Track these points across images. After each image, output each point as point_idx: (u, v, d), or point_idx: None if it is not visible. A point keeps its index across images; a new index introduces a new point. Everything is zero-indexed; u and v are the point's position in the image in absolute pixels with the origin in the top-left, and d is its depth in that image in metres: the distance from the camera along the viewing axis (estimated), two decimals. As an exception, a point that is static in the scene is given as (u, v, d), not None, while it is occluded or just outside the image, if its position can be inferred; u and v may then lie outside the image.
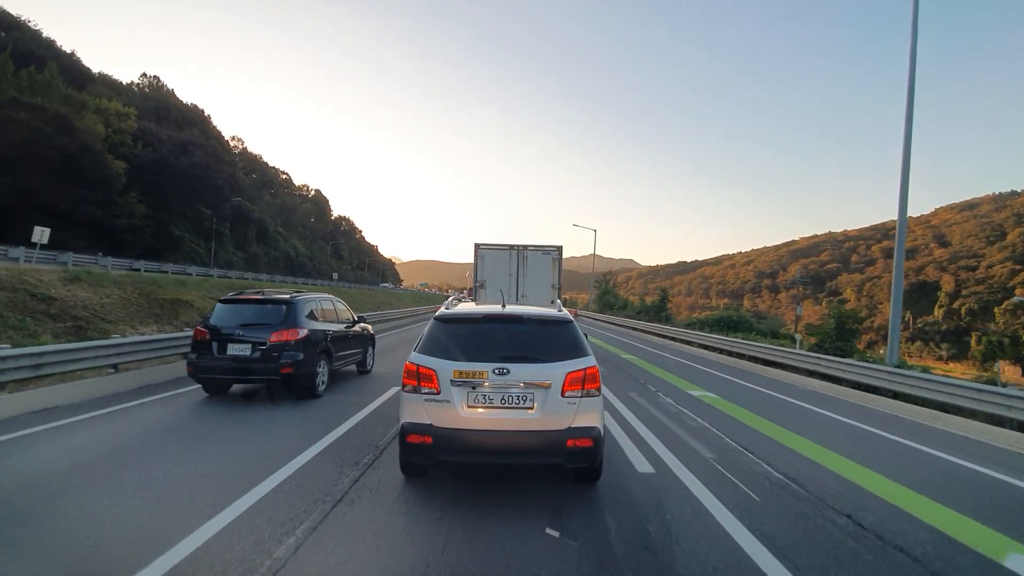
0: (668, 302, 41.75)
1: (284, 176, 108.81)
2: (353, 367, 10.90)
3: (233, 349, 7.85)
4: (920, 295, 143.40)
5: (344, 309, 10.40)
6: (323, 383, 8.68)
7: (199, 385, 8.41)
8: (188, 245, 51.94)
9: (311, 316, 8.69)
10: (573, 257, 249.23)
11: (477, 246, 13.57)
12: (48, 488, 4.39)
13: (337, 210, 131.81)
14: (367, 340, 11.28)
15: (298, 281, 56.82)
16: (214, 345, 7.88)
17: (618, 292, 72.65)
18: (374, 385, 9.84)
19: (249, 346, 7.83)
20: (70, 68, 51.51)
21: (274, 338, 7.86)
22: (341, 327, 9.80)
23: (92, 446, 5.62)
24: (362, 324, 11.00)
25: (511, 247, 13.52)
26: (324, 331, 8.88)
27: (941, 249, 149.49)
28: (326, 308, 9.50)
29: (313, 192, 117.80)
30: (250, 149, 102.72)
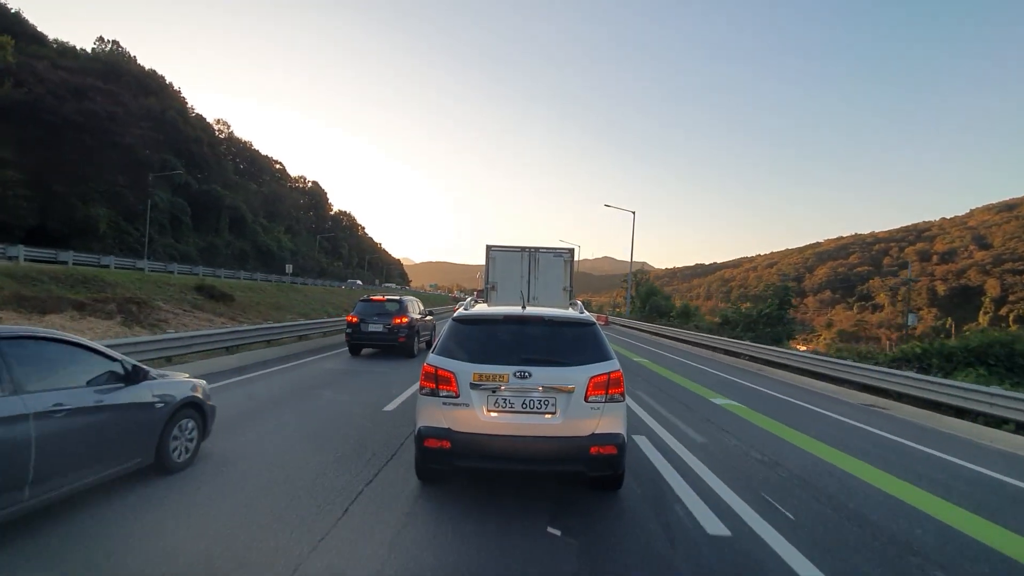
0: (791, 308, 26.15)
1: (278, 166, 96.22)
2: (424, 344, 15.57)
3: (371, 327, 13.71)
4: (962, 300, 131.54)
5: (421, 306, 16.11)
6: (418, 349, 14.49)
7: (347, 348, 14.59)
8: (117, 230, 38.46)
9: (409, 309, 14.43)
10: (586, 259, 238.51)
11: (489, 248, 13.27)
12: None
13: (349, 210, 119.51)
14: (432, 327, 16.86)
15: (272, 279, 43.09)
16: (360, 325, 13.74)
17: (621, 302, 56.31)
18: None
19: (381, 325, 13.63)
20: (10, 29, 43.68)
21: (395, 321, 13.69)
22: (419, 317, 15.26)
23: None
24: (429, 316, 16.87)
25: (523, 249, 13.11)
26: (414, 318, 14.56)
27: (982, 251, 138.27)
28: (413, 305, 15.11)
29: (310, 184, 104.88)
30: (241, 136, 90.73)
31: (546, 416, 4.09)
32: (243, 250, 61.15)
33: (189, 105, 72.15)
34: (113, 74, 55.56)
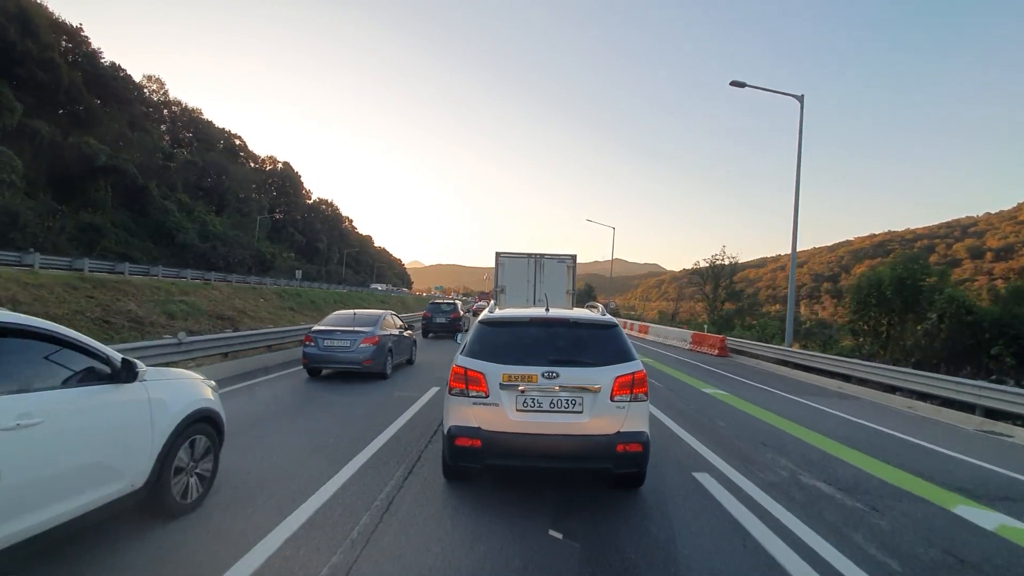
0: None
1: (238, 141, 77.23)
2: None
3: (438, 320, 20.69)
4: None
5: (463, 305, 25.53)
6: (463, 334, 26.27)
7: (421, 331, 21.29)
8: None
9: (459, 308, 21.77)
10: (596, 261, 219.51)
11: (498, 254, 13.77)
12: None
13: (331, 199, 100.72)
14: (470, 320, 25.58)
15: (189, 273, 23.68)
16: (431, 319, 20.89)
17: (636, 305, 32.49)
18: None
19: (444, 318, 20.64)
20: None
21: (453, 315, 20.72)
22: (463, 313, 23.41)
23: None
24: (468, 312, 26.19)
25: (529, 255, 13.64)
26: (462, 314, 22.28)
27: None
28: (461, 305, 23.15)
29: (281, 165, 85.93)
30: (185, 101, 71.46)
31: (573, 415, 4.21)
32: (94, 225, 40.78)
33: (95, 47, 52.55)
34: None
